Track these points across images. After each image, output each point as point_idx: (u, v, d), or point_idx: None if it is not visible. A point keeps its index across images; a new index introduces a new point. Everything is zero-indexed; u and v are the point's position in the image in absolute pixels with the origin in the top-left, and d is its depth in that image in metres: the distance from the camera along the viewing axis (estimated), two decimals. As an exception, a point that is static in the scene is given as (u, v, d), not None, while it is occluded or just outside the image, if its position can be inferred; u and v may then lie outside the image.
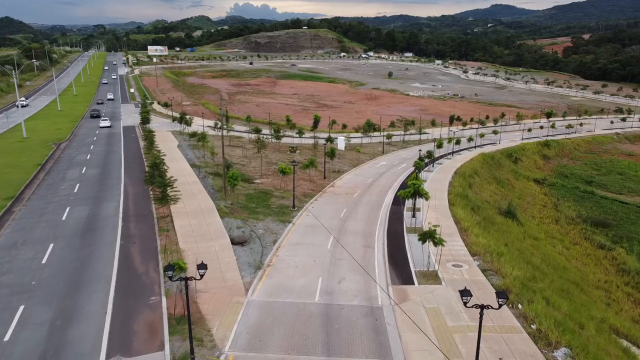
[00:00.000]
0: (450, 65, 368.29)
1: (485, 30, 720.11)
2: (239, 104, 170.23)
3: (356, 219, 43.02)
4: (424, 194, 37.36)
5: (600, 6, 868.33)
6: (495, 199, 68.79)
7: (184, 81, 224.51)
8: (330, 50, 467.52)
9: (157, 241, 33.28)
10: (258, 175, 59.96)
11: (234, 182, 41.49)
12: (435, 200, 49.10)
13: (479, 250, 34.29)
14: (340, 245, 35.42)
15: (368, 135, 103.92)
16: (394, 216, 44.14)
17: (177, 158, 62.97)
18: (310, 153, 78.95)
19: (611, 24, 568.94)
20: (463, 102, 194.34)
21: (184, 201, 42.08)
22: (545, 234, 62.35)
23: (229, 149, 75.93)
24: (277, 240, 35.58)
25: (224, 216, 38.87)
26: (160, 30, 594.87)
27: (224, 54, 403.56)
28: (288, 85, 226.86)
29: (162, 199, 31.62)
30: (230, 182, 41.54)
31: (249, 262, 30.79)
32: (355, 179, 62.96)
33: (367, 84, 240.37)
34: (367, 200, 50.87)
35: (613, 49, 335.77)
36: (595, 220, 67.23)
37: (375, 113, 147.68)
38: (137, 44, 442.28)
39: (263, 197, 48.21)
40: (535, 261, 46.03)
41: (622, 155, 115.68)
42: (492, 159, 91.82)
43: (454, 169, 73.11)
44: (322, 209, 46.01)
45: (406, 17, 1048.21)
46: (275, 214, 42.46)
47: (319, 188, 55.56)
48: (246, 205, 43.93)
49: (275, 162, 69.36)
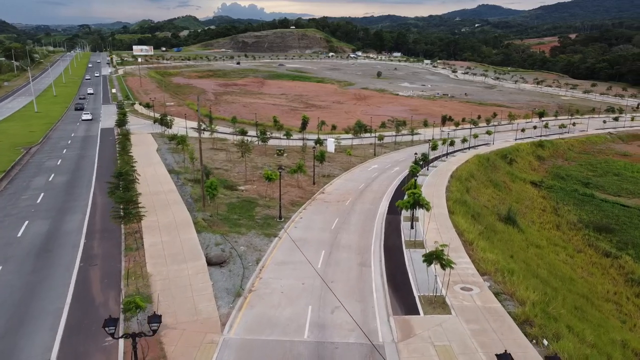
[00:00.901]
0: (439, 65, 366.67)
1: (472, 30, 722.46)
2: (225, 104, 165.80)
3: (349, 231, 39.05)
4: (424, 204, 33.58)
5: (585, 6, 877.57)
6: (493, 204, 65.38)
7: (170, 81, 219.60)
8: (318, 50, 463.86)
9: (122, 263, 28.96)
10: (242, 181, 55.70)
11: (213, 192, 37.27)
12: (433, 207, 45.22)
13: (488, 268, 30.52)
14: (332, 263, 31.46)
15: (359, 137, 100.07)
16: (391, 227, 40.25)
17: (155, 163, 58.45)
18: (299, 156, 74.87)
19: (596, 23, 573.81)
20: (453, 102, 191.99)
21: (157, 213, 37.74)
22: (547, 240, 59.07)
23: (212, 152, 71.55)
24: (261, 259, 31.45)
25: (202, 231, 34.62)
26: (146, 30, 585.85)
27: (211, 53, 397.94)
28: (276, 85, 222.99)
29: (124, 217, 27.24)
30: (208, 192, 37.31)
31: (228, 288, 26.59)
32: (347, 184, 59.01)
33: (355, 84, 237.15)
34: (360, 208, 46.94)
35: (600, 49, 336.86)
36: (598, 226, 64.18)
37: (365, 113, 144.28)
38: (123, 44, 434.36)
39: (247, 207, 44.00)
40: (543, 274, 42.53)
41: (616, 156, 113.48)
42: (488, 160, 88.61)
43: (449, 172, 69.57)
44: (311, 220, 41.97)
45: (394, 17, 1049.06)
46: (259, 227, 38.31)
47: (308, 195, 51.51)
48: (227, 217, 39.69)
49: (261, 166, 65.15)
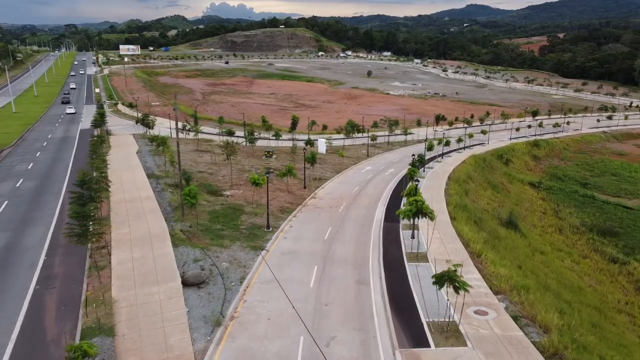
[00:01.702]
0: (430, 64, 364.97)
1: (461, 30, 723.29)
2: (213, 104, 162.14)
3: (344, 241, 35.48)
4: (428, 214, 30.15)
5: (572, 6, 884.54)
6: (493, 207, 62.31)
7: (156, 81, 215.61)
8: (308, 49, 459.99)
9: (84, 285, 25.12)
10: (228, 185, 51.87)
11: (192, 201, 33.46)
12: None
13: (501, 285, 27.15)
14: (326, 281, 27.91)
15: (351, 137, 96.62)
16: (389, 236, 36.74)
17: (133, 166, 54.40)
18: (288, 158, 71.24)
19: (584, 23, 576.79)
20: (445, 101, 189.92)
21: (131, 224, 33.87)
22: (550, 246, 56.10)
23: (196, 154, 67.59)
24: (246, 277, 27.76)
25: (179, 244, 30.83)
26: (134, 29, 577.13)
27: (199, 53, 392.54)
28: (265, 85, 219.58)
29: (80, 235, 23.23)
30: (187, 200, 33.49)
31: (205, 315, 22.86)
32: (340, 188, 55.46)
33: (346, 83, 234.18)
34: (355, 215, 43.41)
35: (589, 48, 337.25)
36: (602, 229, 61.42)
37: (356, 113, 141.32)
38: (110, 44, 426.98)
39: (231, 215, 40.22)
40: (552, 285, 39.40)
41: (613, 155, 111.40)
42: (484, 161, 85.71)
43: (447, 174, 66.38)
44: (302, 229, 38.34)
45: (383, 17, 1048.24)
46: (245, 238, 34.59)
47: (299, 200, 47.87)
48: (209, 227, 35.90)
49: (249, 168, 61.37)
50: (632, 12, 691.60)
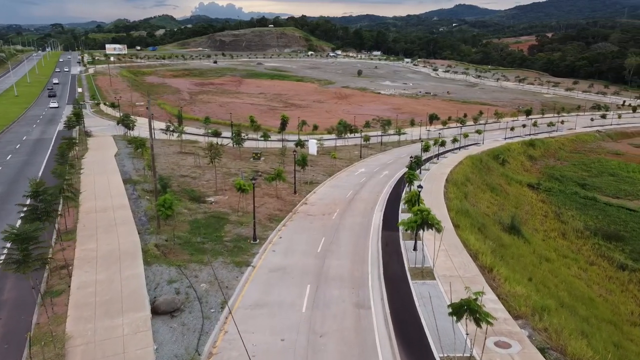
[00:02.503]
0: (420, 64, 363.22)
1: (450, 29, 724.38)
2: (200, 104, 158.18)
3: (339, 255, 31.95)
4: (435, 225, 26.74)
5: (559, 6, 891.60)
6: (493, 211, 59.29)
7: (143, 81, 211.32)
8: (297, 49, 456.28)
9: (34, 316, 21.27)
10: (212, 191, 48.06)
11: (167, 212, 29.65)
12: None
13: (521, 308, 23.82)
14: (320, 304, 24.35)
15: (342, 137, 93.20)
16: (389, 248, 33.28)
17: (109, 170, 50.31)
18: (278, 160, 67.56)
19: (571, 23, 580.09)
20: (436, 101, 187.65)
21: (99, 238, 29.99)
22: (555, 252, 53.19)
23: (179, 157, 63.60)
24: (228, 301, 24.09)
25: (153, 262, 27.06)
26: (121, 29, 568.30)
27: (187, 52, 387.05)
28: (254, 84, 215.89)
29: (19, 264, 19.11)
30: (161, 212, 29.67)
31: (178, 354, 19.16)
32: (333, 192, 51.94)
33: (336, 83, 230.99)
34: (350, 223, 39.90)
35: (578, 47, 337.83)
36: (607, 233, 58.70)
37: (347, 112, 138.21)
38: (96, 44, 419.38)
39: (215, 225, 36.45)
40: (564, 297, 36.32)
41: (609, 155, 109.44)
42: (481, 162, 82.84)
43: (444, 176, 63.22)
44: (292, 240, 34.73)
45: (372, 16, 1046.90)
46: (228, 252, 30.89)
47: (289, 207, 44.25)
48: (189, 240, 32.12)
49: (235, 172, 57.59)
50: (617, 12, 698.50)
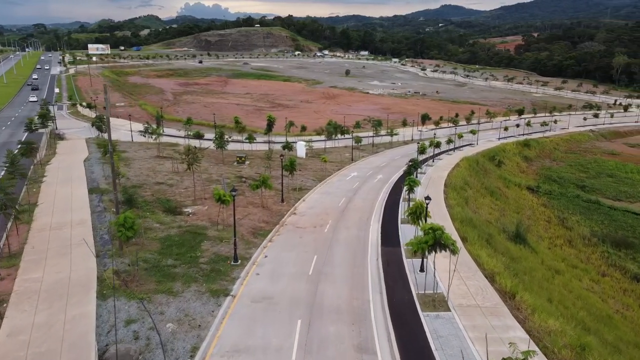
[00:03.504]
0: (408, 63, 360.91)
1: (436, 29, 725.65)
2: (184, 104, 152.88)
3: (334, 278, 27.49)
4: (450, 245, 22.44)
5: (543, 7, 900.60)
6: (495, 217, 55.36)
7: (126, 81, 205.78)
8: (284, 48, 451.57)
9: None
10: (190, 200, 43.25)
11: (127, 234, 24.88)
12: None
13: (562, 353, 19.58)
14: (314, 347, 19.85)
15: (332, 139, 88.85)
16: (392, 269, 28.90)
17: (75, 178, 45.23)
18: (264, 164, 62.85)
19: (556, 23, 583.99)
20: (425, 100, 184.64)
21: (47, 264, 25.10)
22: (564, 262, 49.38)
23: (156, 161, 58.52)
24: (200, 346, 19.47)
25: (109, 295, 22.29)
26: (105, 29, 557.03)
27: (172, 52, 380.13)
28: (240, 85, 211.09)
29: None
30: (121, 233, 24.89)
31: None
32: (324, 200, 47.46)
33: (324, 82, 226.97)
34: (344, 236, 35.45)
35: (565, 46, 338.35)
36: (615, 240, 55.18)
37: (335, 112, 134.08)
38: (79, 44, 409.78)
39: (190, 242, 31.70)
40: (585, 318, 32.33)
41: (605, 155, 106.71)
42: (477, 163, 79.11)
43: (442, 180, 59.22)
44: (280, 260, 30.17)
45: (359, 17, 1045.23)
46: (204, 278, 26.23)
47: (275, 218, 39.64)
48: (157, 264, 27.35)
49: (217, 177, 52.82)
50: (601, 12, 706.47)
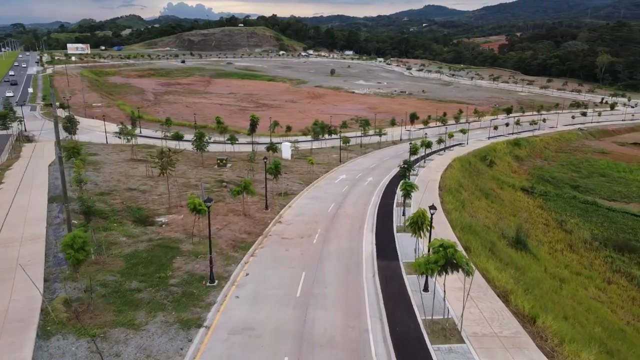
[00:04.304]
0: (393, 63, 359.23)
1: (420, 29, 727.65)
2: (165, 104, 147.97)
3: (326, 301, 23.85)
4: (463, 265, 19.02)
5: (525, 7, 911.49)
6: (492, 221, 52.38)
7: (105, 81, 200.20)
8: (268, 48, 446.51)
9: None
10: (164, 208, 39.21)
11: (77, 257, 20.88)
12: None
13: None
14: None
15: (319, 139, 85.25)
16: (391, 289, 25.34)
17: (37, 185, 40.83)
18: (246, 167, 58.90)
19: (538, 23, 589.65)
20: (412, 100, 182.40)
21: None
22: (566, 268, 46.56)
23: (129, 165, 54.19)
24: (163, 400, 15.70)
25: (55, 332, 18.34)
26: (86, 29, 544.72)
27: (154, 52, 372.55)
28: (224, 84, 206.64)
29: None
30: (69, 255, 20.87)
31: None
32: (312, 206, 43.80)
33: (309, 82, 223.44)
34: (336, 248, 31.85)
35: (548, 46, 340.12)
36: (617, 244, 52.64)
37: (321, 112, 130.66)
38: (59, 43, 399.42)
39: (160, 259, 27.77)
40: (599, 334, 29.36)
41: (595, 154, 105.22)
42: (469, 164, 76.33)
43: (436, 182, 56.08)
44: (263, 278, 26.43)
45: (343, 17, 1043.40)
46: (173, 304, 22.36)
47: (259, 228, 35.85)
48: (119, 288, 23.37)
49: (196, 182, 48.78)
50: (581, 12, 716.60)
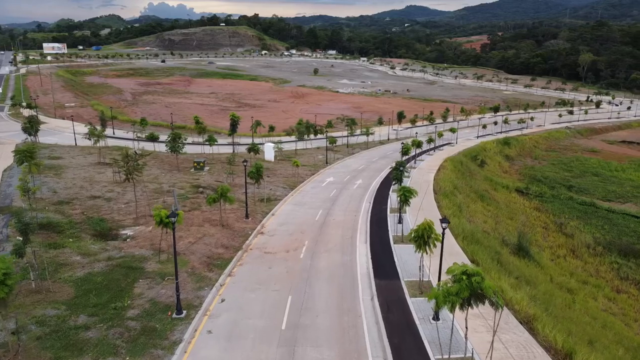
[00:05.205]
0: (376, 62, 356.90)
1: (403, 29, 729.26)
2: (144, 104, 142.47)
3: (317, 336, 19.73)
4: (492, 296, 15.19)
5: (505, 7, 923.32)
6: (491, 226, 49.01)
7: (82, 81, 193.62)
8: (250, 48, 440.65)
9: None
10: (132, 218, 34.67)
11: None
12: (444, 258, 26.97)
13: None
14: None
15: (303, 139, 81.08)
16: (394, 316, 21.34)
17: (-17, 195, 35.96)
18: (226, 170, 54.32)
19: (518, 23, 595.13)
20: (397, 99, 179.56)
21: None
22: (572, 276, 43.34)
23: (96, 169, 49.22)
24: None
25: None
26: (64, 29, 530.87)
27: (134, 52, 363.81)
28: (205, 84, 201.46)
29: None
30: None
31: None
32: (297, 213, 39.65)
33: (292, 81, 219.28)
34: (326, 265, 27.76)
35: (530, 45, 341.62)
36: (622, 248, 49.65)
37: (305, 112, 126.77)
38: (35, 43, 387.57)
39: (118, 283, 23.33)
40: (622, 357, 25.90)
41: (585, 153, 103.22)
42: (461, 164, 73.06)
43: (430, 185, 52.56)
44: (242, 306, 22.19)
45: (325, 17, 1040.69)
46: (128, 347, 18.00)
47: (238, 241, 31.58)
48: (59, 327, 18.86)
49: (169, 187, 44.19)
50: (560, 13, 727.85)
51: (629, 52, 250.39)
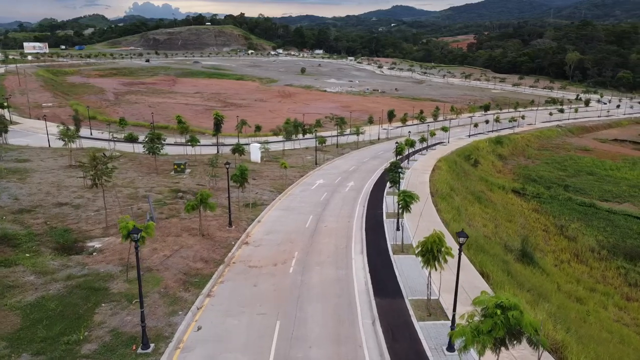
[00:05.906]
0: (364, 61, 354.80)
1: (389, 29, 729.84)
2: (126, 104, 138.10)
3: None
4: (530, 334, 12.23)
5: (490, 7, 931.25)
6: (491, 230, 46.27)
7: (63, 80, 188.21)
8: (237, 47, 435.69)
9: None
10: (101, 228, 31.09)
11: None
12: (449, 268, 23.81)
13: None
14: None
15: (291, 139, 77.80)
16: (401, 346, 18.14)
17: None
18: (209, 173, 50.77)
19: (504, 23, 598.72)
20: (385, 98, 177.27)
21: None
22: (578, 283, 40.77)
23: (66, 173, 45.32)
24: None
25: None
26: (46, 28, 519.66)
27: (118, 51, 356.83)
28: (190, 84, 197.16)
29: None
30: None
31: None
32: (286, 219, 36.36)
33: (279, 81, 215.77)
34: (318, 281, 24.55)
35: (517, 44, 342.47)
36: (627, 252, 47.38)
37: (293, 111, 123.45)
38: (16, 43, 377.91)
39: (76, 309, 19.84)
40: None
41: (578, 151, 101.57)
42: (456, 164, 70.44)
43: (426, 186, 49.75)
44: (222, 336, 18.87)
45: (312, 17, 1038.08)
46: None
47: (219, 254, 28.21)
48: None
49: (146, 192, 40.54)
50: (544, 13, 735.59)
51: (615, 51, 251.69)
